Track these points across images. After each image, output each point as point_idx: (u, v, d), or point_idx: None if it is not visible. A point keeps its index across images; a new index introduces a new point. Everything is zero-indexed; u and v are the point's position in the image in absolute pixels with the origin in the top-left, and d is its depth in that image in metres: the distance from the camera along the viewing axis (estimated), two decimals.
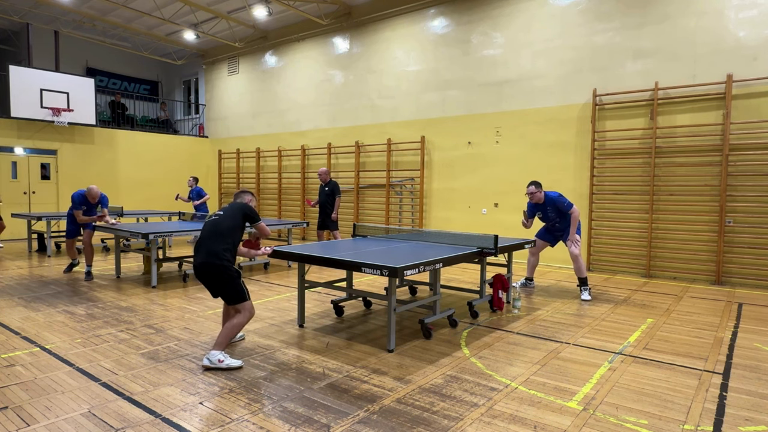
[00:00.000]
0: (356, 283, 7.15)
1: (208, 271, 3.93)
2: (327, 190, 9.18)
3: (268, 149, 14.22)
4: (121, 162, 14.31)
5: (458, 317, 5.34)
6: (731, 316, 5.66)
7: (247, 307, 4.00)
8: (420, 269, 4.12)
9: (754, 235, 7.38)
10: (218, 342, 3.89)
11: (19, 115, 12.01)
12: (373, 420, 3.02)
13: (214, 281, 3.97)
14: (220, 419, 3.01)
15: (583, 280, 6.50)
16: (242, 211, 4.17)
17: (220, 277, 3.93)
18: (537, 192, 6.57)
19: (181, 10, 12.61)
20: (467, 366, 3.96)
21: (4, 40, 15.58)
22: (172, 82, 18.45)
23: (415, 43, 11.00)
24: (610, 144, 8.61)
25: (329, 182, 9.25)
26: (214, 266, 3.90)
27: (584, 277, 6.50)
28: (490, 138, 9.93)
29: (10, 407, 3.14)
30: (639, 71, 8.23)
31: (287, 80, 13.74)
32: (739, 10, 7.41)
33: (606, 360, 4.13)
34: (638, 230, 8.33)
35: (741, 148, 7.47)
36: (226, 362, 3.81)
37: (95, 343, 4.43)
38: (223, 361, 3.81)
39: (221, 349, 3.87)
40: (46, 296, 6.26)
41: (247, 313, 3.99)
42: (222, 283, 3.94)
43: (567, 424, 2.98)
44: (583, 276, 6.49)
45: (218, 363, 3.80)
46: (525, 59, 9.41)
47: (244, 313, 3.97)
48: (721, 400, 3.36)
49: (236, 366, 3.83)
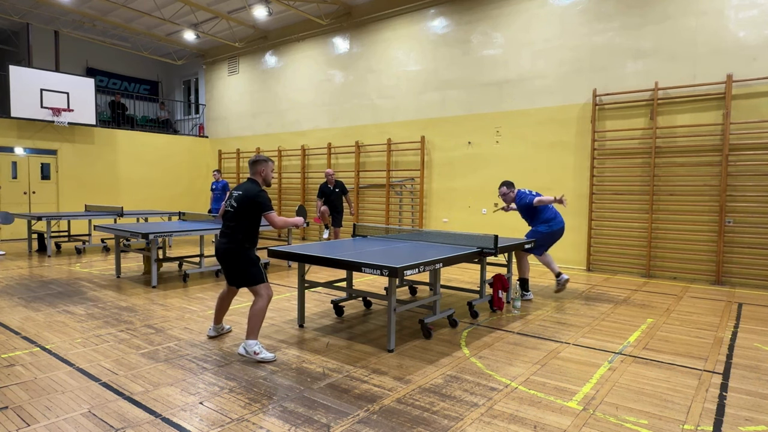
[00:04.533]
0: (356, 283, 7.15)
1: (227, 255, 4.13)
2: (337, 191, 9.41)
3: (268, 149, 14.22)
4: (121, 162, 14.31)
5: (458, 317, 5.34)
6: (731, 316, 5.66)
7: (264, 289, 4.11)
8: (420, 269, 4.12)
9: (754, 235, 7.38)
10: (250, 330, 4.02)
11: (19, 115, 12.01)
12: (373, 420, 3.02)
13: (231, 264, 4.16)
14: (220, 419, 3.01)
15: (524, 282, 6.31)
16: (253, 205, 4.09)
17: (236, 260, 4.12)
18: (509, 192, 6.38)
19: (181, 10, 12.61)
20: (467, 366, 3.96)
21: (4, 40, 15.58)
22: (172, 82, 18.45)
23: (415, 43, 11.00)
24: (610, 144, 8.61)
25: (336, 183, 9.47)
26: (232, 251, 4.11)
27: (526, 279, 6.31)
28: (490, 138, 9.93)
29: (10, 407, 3.14)
30: (639, 71, 8.23)
31: (287, 80, 13.74)
32: (739, 10, 7.41)
33: (606, 360, 4.13)
34: (638, 230, 8.32)
35: (741, 148, 7.47)
36: (261, 355, 3.95)
37: (95, 343, 4.43)
38: (258, 354, 3.95)
39: (255, 337, 4.02)
40: (46, 296, 6.26)
41: (266, 296, 4.10)
42: (238, 266, 4.12)
43: (567, 424, 2.98)
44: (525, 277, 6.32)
45: (254, 355, 3.94)
46: (525, 59, 9.41)
47: (263, 297, 4.08)
48: (721, 400, 3.36)
49: (270, 359, 3.97)
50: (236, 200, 4.12)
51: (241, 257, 4.12)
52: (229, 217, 4.16)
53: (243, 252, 4.12)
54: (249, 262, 4.13)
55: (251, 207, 4.09)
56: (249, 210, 4.10)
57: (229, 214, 4.16)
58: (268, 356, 3.98)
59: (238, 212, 4.11)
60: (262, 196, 4.11)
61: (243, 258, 4.12)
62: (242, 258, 4.12)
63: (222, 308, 4.55)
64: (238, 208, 4.10)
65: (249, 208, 4.10)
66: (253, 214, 4.13)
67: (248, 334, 4.04)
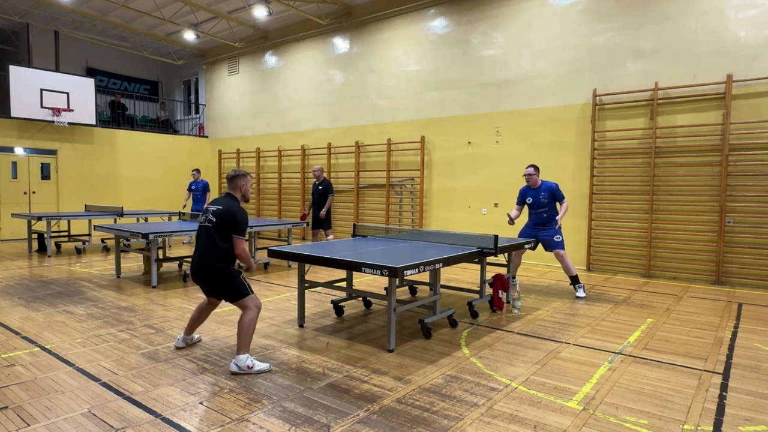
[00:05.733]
0: (356, 283, 7.15)
1: (204, 273, 3.89)
2: (320, 189, 9.16)
3: (268, 149, 14.21)
4: (121, 162, 14.32)
5: (458, 317, 5.34)
6: (731, 316, 5.66)
7: (252, 301, 3.88)
8: (420, 269, 4.12)
9: (754, 235, 7.38)
10: (241, 345, 3.76)
11: (19, 115, 12.01)
12: (373, 420, 3.02)
13: (211, 282, 3.91)
14: (220, 419, 3.01)
15: (575, 278, 6.59)
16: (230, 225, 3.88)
17: (215, 278, 3.87)
18: (534, 174, 6.65)
19: (181, 10, 12.61)
20: (467, 366, 3.96)
21: (4, 40, 15.58)
22: (172, 82, 18.45)
23: (415, 43, 11.00)
24: (610, 144, 8.61)
25: (323, 181, 9.22)
26: (208, 269, 3.86)
27: (575, 276, 6.58)
28: (490, 138, 9.93)
29: (10, 407, 3.14)
30: (639, 71, 8.23)
31: (287, 80, 13.73)
32: (739, 10, 7.41)
33: (606, 360, 4.13)
34: (638, 230, 8.32)
35: (741, 148, 7.47)
36: (257, 368, 3.74)
37: (95, 343, 4.43)
38: (253, 367, 3.73)
39: (246, 351, 3.78)
40: (46, 296, 6.26)
41: (254, 308, 3.87)
42: (220, 283, 3.88)
43: (567, 424, 2.98)
44: (574, 274, 6.57)
45: (248, 369, 3.72)
46: (525, 59, 9.41)
47: (251, 309, 3.86)
48: (721, 400, 3.36)
49: (266, 369, 3.78)
50: (215, 215, 3.89)
51: (219, 274, 3.86)
52: (205, 232, 3.91)
53: (222, 269, 3.86)
54: (229, 277, 3.88)
55: (229, 224, 3.86)
56: (227, 227, 3.87)
57: (204, 229, 3.92)
58: (264, 367, 3.78)
59: (217, 228, 3.86)
60: (242, 218, 3.89)
61: (222, 275, 3.86)
62: (221, 275, 3.86)
63: (198, 319, 4.30)
64: (217, 223, 3.86)
65: (227, 225, 3.87)
66: (228, 229, 3.89)
67: (239, 349, 3.77)
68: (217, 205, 3.95)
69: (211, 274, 3.87)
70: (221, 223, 3.87)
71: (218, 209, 3.91)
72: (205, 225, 3.93)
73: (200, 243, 3.94)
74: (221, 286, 3.89)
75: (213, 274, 3.87)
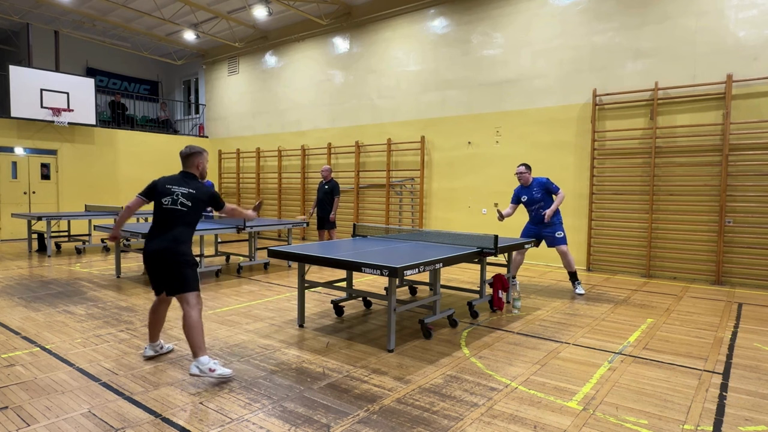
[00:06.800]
0: (356, 283, 7.15)
1: (168, 256, 3.69)
2: (327, 188, 9.14)
3: (268, 149, 14.22)
4: (121, 162, 14.32)
5: (458, 317, 5.34)
6: (731, 316, 5.66)
7: (196, 298, 3.70)
8: (420, 269, 4.12)
9: (754, 235, 7.38)
10: (197, 347, 3.56)
11: (19, 115, 12.01)
12: (373, 420, 3.02)
13: (170, 268, 3.70)
14: (220, 419, 3.01)
15: (573, 274, 6.65)
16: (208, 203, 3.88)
17: (176, 264, 3.69)
18: (526, 173, 6.74)
19: (181, 10, 12.61)
20: (467, 366, 3.96)
21: (4, 40, 15.59)
22: (172, 82, 18.46)
23: (415, 43, 11.00)
24: (610, 144, 8.61)
25: (330, 181, 9.19)
26: (174, 252, 3.68)
27: (574, 271, 6.64)
28: (490, 138, 9.93)
29: (10, 407, 3.14)
30: (639, 71, 8.23)
31: (287, 80, 13.74)
32: (739, 10, 7.41)
33: (606, 360, 4.13)
34: (638, 230, 8.32)
35: (741, 148, 7.47)
36: (218, 372, 3.53)
37: (95, 343, 4.43)
38: (215, 371, 3.51)
39: (205, 352, 3.57)
40: (46, 296, 6.26)
41: (197, 306, 3.67)
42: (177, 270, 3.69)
43: (567, 424, 2.98)
44: (573, 270, 6.64)
45: (210, 372, 3.50)
46: (525, 59, 9.41)
47: (194, 307, 3.65)
48: (721, 400, 3.36)
49: (228, 375, 3.57)
50: (188, 198, 3.76)
51: (181, 261, 3.68)
52: (175, 216, 3.74)
53: (186, 254, 3.72)
54: (190, 263, 3.72)
55: (204, 205, 3.82)
56: (201, 209, 3.81)
57: (178, 212, 3.74)
58: (226, 372, 3.56)
59: (192, 212, 3.78)
60: (215, 192, 3.93)
61: (183, 261, 3.69)
62: (182, 261, 3.69)
63: (156, 322, 4.04)
64: (193, 207, 3.77)
65: (202, 207, 3.81)
66: (200, 213, 3.85)
67: (195, 351, 3.55)
68: (186, 188, 3.81)
69: (173, 260, 3.68)
70: (198, 205, 3.80)
71: (189, 192, 3.80)
72: (175, 208, 3.75)
73: (165, 227, 3.74)
74: (176, 274, 3.69)
75: (175, 260, 3.68)
